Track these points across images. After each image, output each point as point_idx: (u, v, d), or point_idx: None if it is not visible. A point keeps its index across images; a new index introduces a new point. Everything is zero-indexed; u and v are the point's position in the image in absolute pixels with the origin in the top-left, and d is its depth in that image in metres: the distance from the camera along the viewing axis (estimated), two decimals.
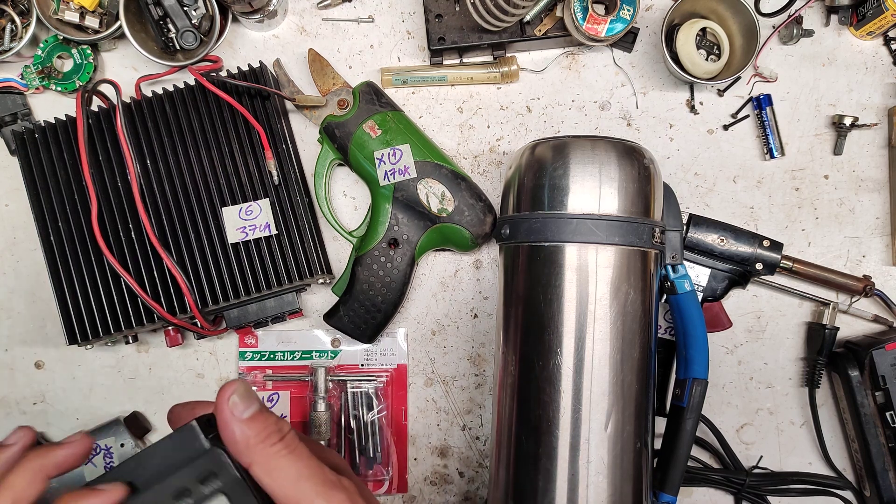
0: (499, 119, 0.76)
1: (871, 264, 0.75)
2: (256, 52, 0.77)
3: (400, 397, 0.75)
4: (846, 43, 0.76)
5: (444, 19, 0.72)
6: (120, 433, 0.73)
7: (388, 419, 0.75)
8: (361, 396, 0.74)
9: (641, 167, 0.62)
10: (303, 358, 0.75)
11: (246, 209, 0.69)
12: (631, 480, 0.60)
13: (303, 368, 0.75)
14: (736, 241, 0.70)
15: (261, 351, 0.75)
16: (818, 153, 0.75)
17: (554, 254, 0.61)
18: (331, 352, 0.75)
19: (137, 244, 0.69)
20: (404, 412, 0.75)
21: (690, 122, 0.76)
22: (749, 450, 0.75)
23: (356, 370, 0.75)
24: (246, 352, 0.76)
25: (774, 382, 0.75)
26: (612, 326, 0.60)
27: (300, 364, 0.75)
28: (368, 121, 0.71)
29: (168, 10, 0.70)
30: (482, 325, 0.76)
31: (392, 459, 0.75)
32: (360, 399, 0.74)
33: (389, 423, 0.75)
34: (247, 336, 0.76)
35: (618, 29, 0.69)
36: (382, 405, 0.75)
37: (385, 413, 0.75)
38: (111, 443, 0.73)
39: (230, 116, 0.70)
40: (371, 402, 0.74)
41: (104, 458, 0.73)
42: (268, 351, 0.75)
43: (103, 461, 0.73)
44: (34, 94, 0.75)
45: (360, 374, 0.75)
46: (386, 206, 0.71)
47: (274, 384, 0.75)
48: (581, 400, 0.59)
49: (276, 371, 0.75)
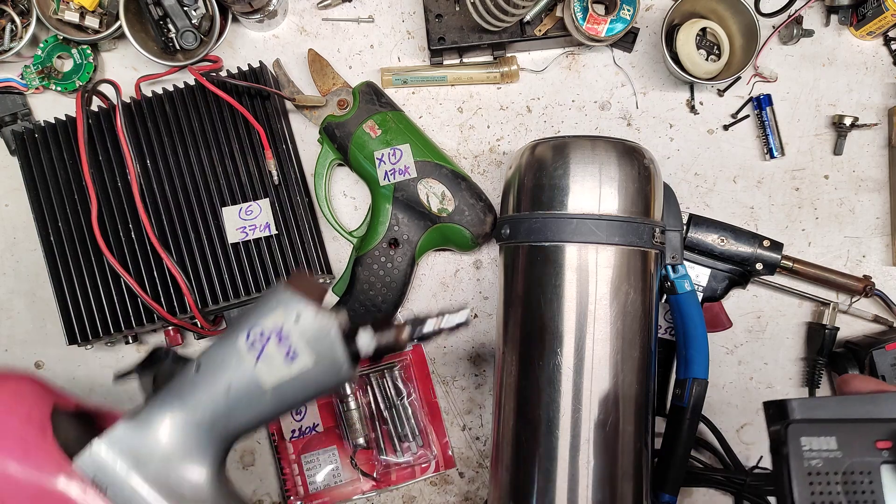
0: (499, 119, 0.76)
1: (871, 264, 0.75)
2: (256, 52, 0.77)
3: (424, 376, 0.75)
4: (846, 43, 0.76)
5: (444, 19, 0.72)
6: (287, 302, 0.47)
7: (419, 400, 0.75)
8: (388, 385, 0.74)
9: (641, 167, 0.62)
10: None
11: (246, 209, 0.69)
12: (631, 480, 0.60)
13: None
14: (736, 241, 0.70)
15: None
16: (818, 153, 0.75)
17: (554, 254, 0.61)
18: None
19: (137, 244, 0.69)
20: (432, 390, 0.75)
21: (690, 122, 0.76)
22: (749, 450, 0.75)
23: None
24: None
25: (775, 382, 0.75)
26: (612, 326, 0.60)
27: None
28: (368, 121, 0.71)
29: (168, 10, 0.70)
30: (482, 326, 0.76)
31: (432, 439, 0.75)
32: (387, 388, 0.74)
33: (421, 404, 0.75)
34: None
35: (618, 29, 0.69)
36: (410, 388, 0.75)
37: (413, 396, 0.75)
38: (279, 320, 0.47)
39: (230, 116, 0.70)
40: (398, 389, 0.74)
41: (278, 343, 0.47)
42: None
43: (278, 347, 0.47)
44: (34, 94, 0.75)
45: (381, 364, 0.74)
46: (386, 206, 0.71)
47: None
48: (581, 400, 0.59)
49: None
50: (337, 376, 0.47)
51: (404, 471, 0.75)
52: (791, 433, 0.42)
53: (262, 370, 0.46)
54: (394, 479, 0.74)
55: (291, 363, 0.46)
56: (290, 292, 0.47)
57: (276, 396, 0.46)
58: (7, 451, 0.44)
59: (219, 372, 0.47)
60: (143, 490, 0.45)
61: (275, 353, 0.46)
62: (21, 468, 0.44)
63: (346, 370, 0.47)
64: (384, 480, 0.74)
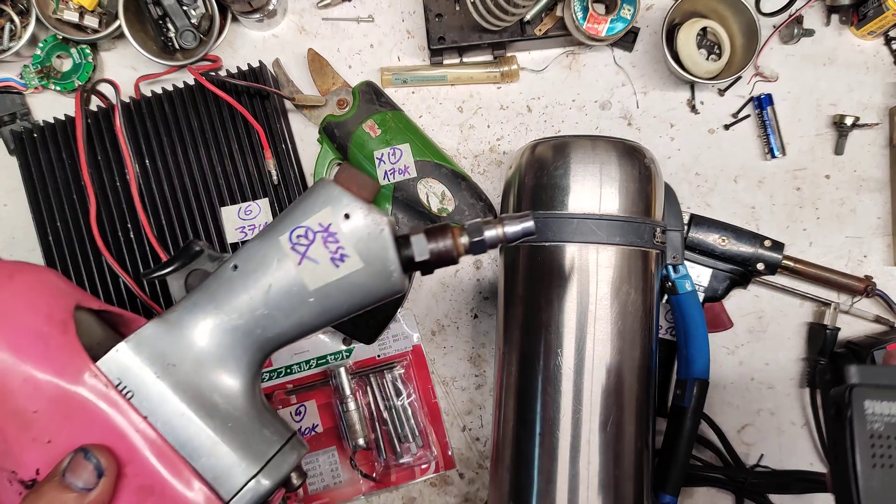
0: (499, 119, 0.76)
1: (872, 264, 0.75)
2: (256, 51, 0.76)
3: (424, 377, 0.75)
4: (847, 42, 0.75)
5: (444, 19, 0.72)
6: (337, 199, 0.43)
7: (419, 400, 0.74)
8: (387, 386, 0.74)
9: (642, 167, 0.62)
10: (319, 364, 0.74)
11: (245, 209, 0.69)
12: (631, 481, 0.60)
13: (321, 375, 0.74)
14: (737, 241, 0.70)
15: (276, 369, 0.74)
16: (819, 153, 0.75)
17: (554, 254, 0.60)
18: (345, 351, 0.75)
19: (136, 244, 0.69)
20: (432, 390, 0.75)
21: (691, 121, 0.76)
22: (750, 450, 0.75)
23: (374, 362, 0.74)
24: (262, 373, 0.75)
25: (776, 383, 0.75)
26: (612, 327, 0.59)
27: (318, 371, 0.74)
28: (368, 120, 0.71)
29: (167, 9, 0.70)
30: (482, 326, 0.76)
31: (432, 439, 0.75)
32: (387, 389, 0.74)
33: (421, 404, 0.75)
34: None
35: (618, 28, 0.69)
36: (409, 388, 0.74)
37: (413, 396, 0.74)
38: (326, 218, 0.43)
39: (229, 116, 0.70)
40: (398, 389, 0.74)
41: (324, 242, 0.43)
42: (283, 367, 0.74)
43: (325, 247, 0.43)
44: (33, 93, 0.75)
45: (379, 364, 0.74)
46: (386, 206, 0.71)
47: (297, 397, 0.73)
48: (581, 400, 0.59)
49: (296, 384, 0.74)
50: (388, 283, 0.43)
51: (404, 471, 0.74)
52: (855, 396, 0.43)
53: (305, 271, 0.42)
54: (393, 480, 0.74)
55: (339, 265, 0.42)
56: (340, 188, 0.43)
57: (320, 301, 0.42)
58: (25, 349, 0.40)
59: (258, 272, 0.42)
60: (171, 397, 0.41)
61: (321, 254, 0.42)
62: (40, 368, 0.40)
63: (398, 277, 0.43)
64: (384, 481, 0.74)
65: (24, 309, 0.41)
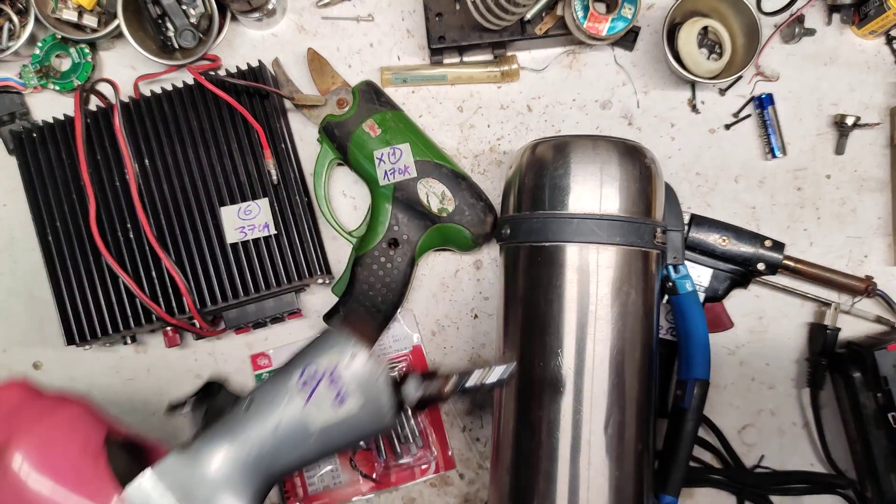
0: (499, 118, 0.76)
1: (873, 264, 0.75)
2: (255, 51, 0.76)
3: None
4: (848, 42, 0.75)
5: (445, 18, 0.72)
6: (344, 344, 0.49)
7: None
8: None
9: (643, 167, 0.61)
10: None
11: (245, 209, 0.69)
12: (632, 482, 0.60)
13: None
14: (738, 242, 0.70)
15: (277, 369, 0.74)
16: (820, 153, 0.75)
17: (555, 254, 0.60)
18: None
19: (136, 244, 0.69)
20: None
21: (692, 121, 0.75)
22: (751, 451, 0.75)
23: None
24: (262, 373, 0.75)
25: (776, 383, 0.75)
26: (613, 327, 0.59)
27: None
28: (368, 120, 0.71)
29: (166, 8, 0.70)
30: (482, 326, 0.76)
31: (432, 440, 0.74)
32: None
33: None
34: (259, 358, 0.75)
35: (619, 28, 0.68)
36: None
37: None
38: (333, 361, 0.49)
39: (229, 116, 0.70)
40: None
41: (330, 383, 0.49)
42: None
43: (329, 388, 0.49)
44: (32, 93, 0.75)
45: None
46: (386, 206, 0.71)
47: None
48: (582, 401, 0.59)
49: None
50: (380, 423, 0.49)
51: (404, 472, 0.74)
52: None
53: (310, 411, 0.48)
54: (393, 481, 0.74)
55: (340, 406, 0.48)
56: (346, 333, 0.49)
57: (321, 439, 0.48)
58: (63, 480, 0.45)
59: (269, 410, 0.48)
60: None
61: (325, 395, 0.48)
62: (76, 493, 0.45)
63: (390, 418, 0.49)
64: (384, 482, 0.74)
65: (63, 441, 0.47)
